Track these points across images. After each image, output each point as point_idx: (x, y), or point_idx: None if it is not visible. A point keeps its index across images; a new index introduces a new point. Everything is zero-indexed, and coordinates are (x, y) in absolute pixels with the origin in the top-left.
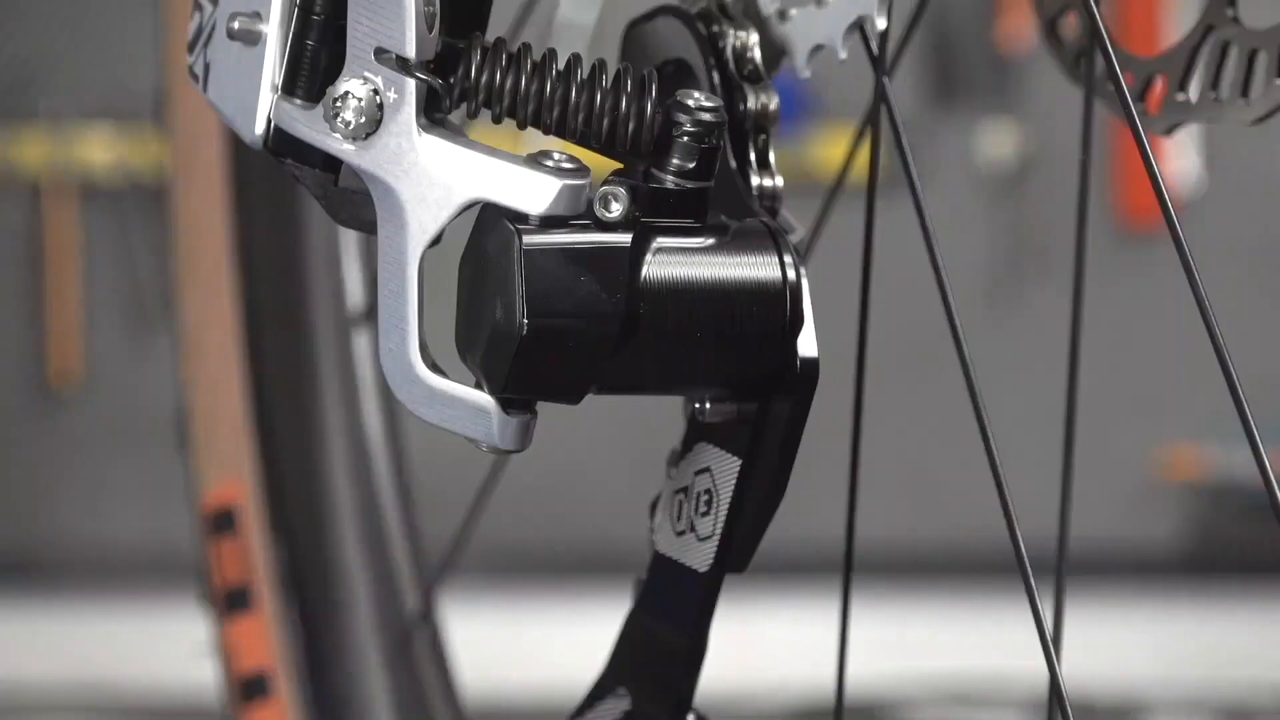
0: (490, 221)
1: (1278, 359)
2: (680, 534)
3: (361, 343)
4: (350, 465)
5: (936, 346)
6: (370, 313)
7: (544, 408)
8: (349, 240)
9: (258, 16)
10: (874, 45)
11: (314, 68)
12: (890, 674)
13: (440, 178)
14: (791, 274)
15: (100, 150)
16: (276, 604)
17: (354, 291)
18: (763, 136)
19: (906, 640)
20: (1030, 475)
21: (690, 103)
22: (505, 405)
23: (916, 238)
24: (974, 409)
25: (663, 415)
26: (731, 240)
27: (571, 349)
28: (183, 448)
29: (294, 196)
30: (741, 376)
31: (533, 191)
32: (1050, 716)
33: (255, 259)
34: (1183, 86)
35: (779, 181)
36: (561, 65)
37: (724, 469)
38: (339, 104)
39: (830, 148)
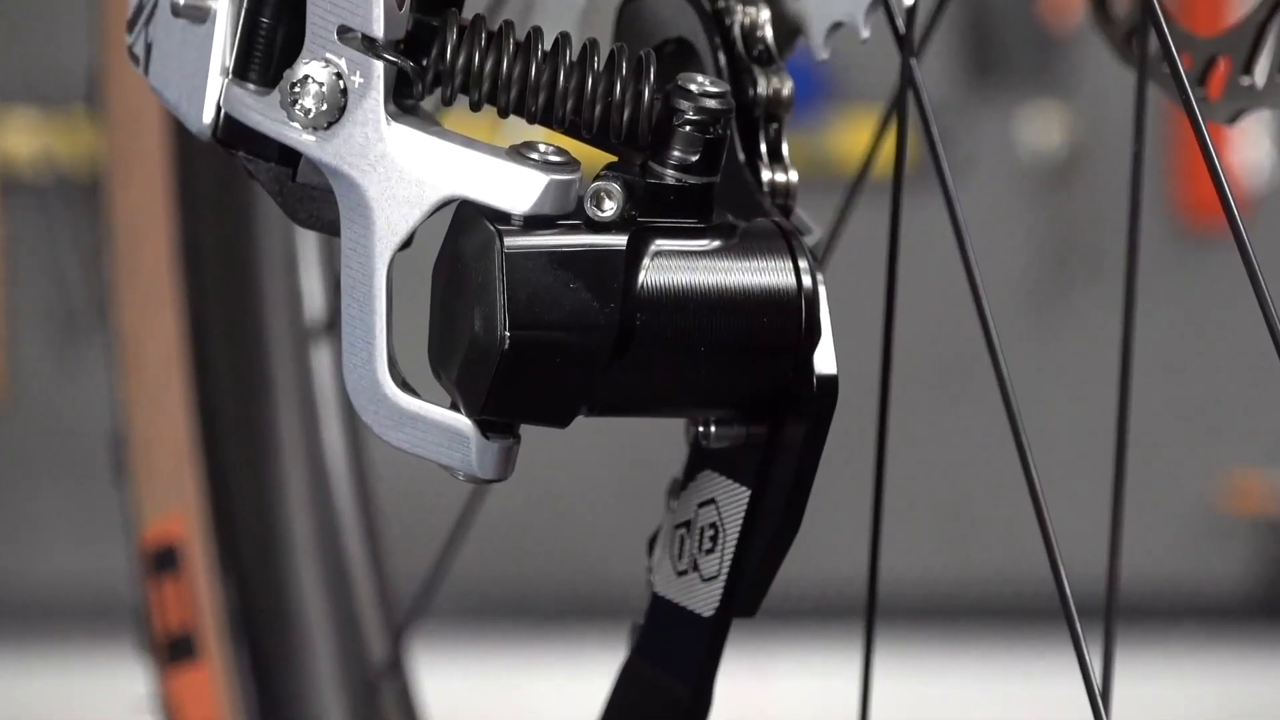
0: (468, 221)
1: None
2: (682, 574)
3: (322, 358)
4: (309, 496)
5: (971, 361)
6: (332, 324)
7: (528, 431)
8: (308, 242)
9: None
10: (900, 22)
11: (269, 48)
12: None
13: (412, 172)
14: (807, 280)
15: (23, 139)
16: (225, 653)
17: (314, 300)
18: (775, 125)
19: (936, 695)
20: (1078, 507)
21: (693, 87)
22: (484, 429)
23: (948, 238)
24: (1013, 432)
25: (662, 440)
26: (740, 242)
27: (559, 365)
28: (119, 476)
29: (246, 193)
30: (751, 396)
31: (516, 188)
32: None
33: (201, 263)
34: (1248, 69)
35: (793, 176)
36: (548, 45)
37: (731, 501)
38: (297, 89)
39: (851, 137)
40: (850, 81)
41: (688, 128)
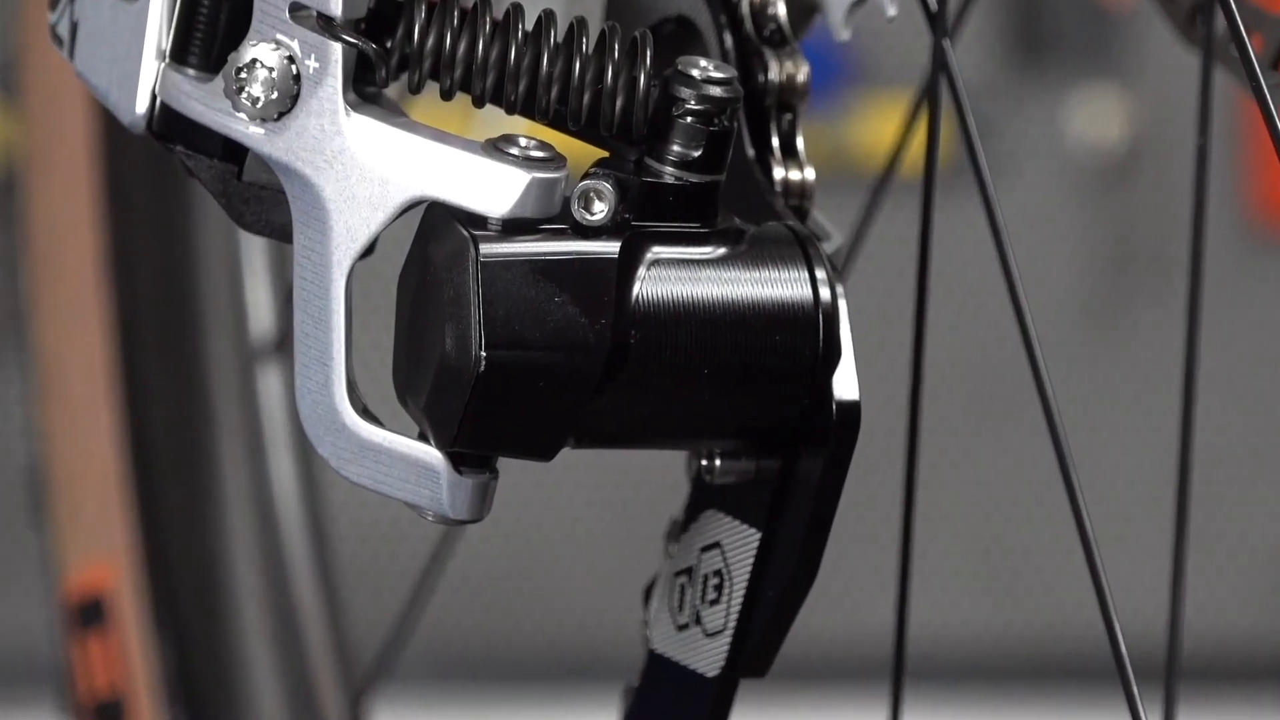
0: (438, 226)
1: None
2: (683, 628)
3: (270, 382)
4: (256, 540)
5: (1013, 386)
6: (283, 343)
7: (507, 465)
8: (255, 249)
9: None
10: None
11: (212, 29)
12: None
13: (374, 170)
14: (825, 293)
15: None
16: (160, 719)
17: (261, 316)
18: (789, 116)
19: None
20: (1136, 552)
21: (695, 73)
22: (457, 462)
23: (988, 245)
24: (1061, 467)
25: (659, 475)
26: (748, 250)
27: (542, 390)
28: (37, 517)
29: (184, 193)
30: (761, 425)
31: (493, 187)
32: None
33: (132, 273)
34: None
35: (810, 174)
36: (530, 25)
37: (738, 544)
38: (244, 75)
39: (876, 129)
40: (875, 65)
41: (689, 119)
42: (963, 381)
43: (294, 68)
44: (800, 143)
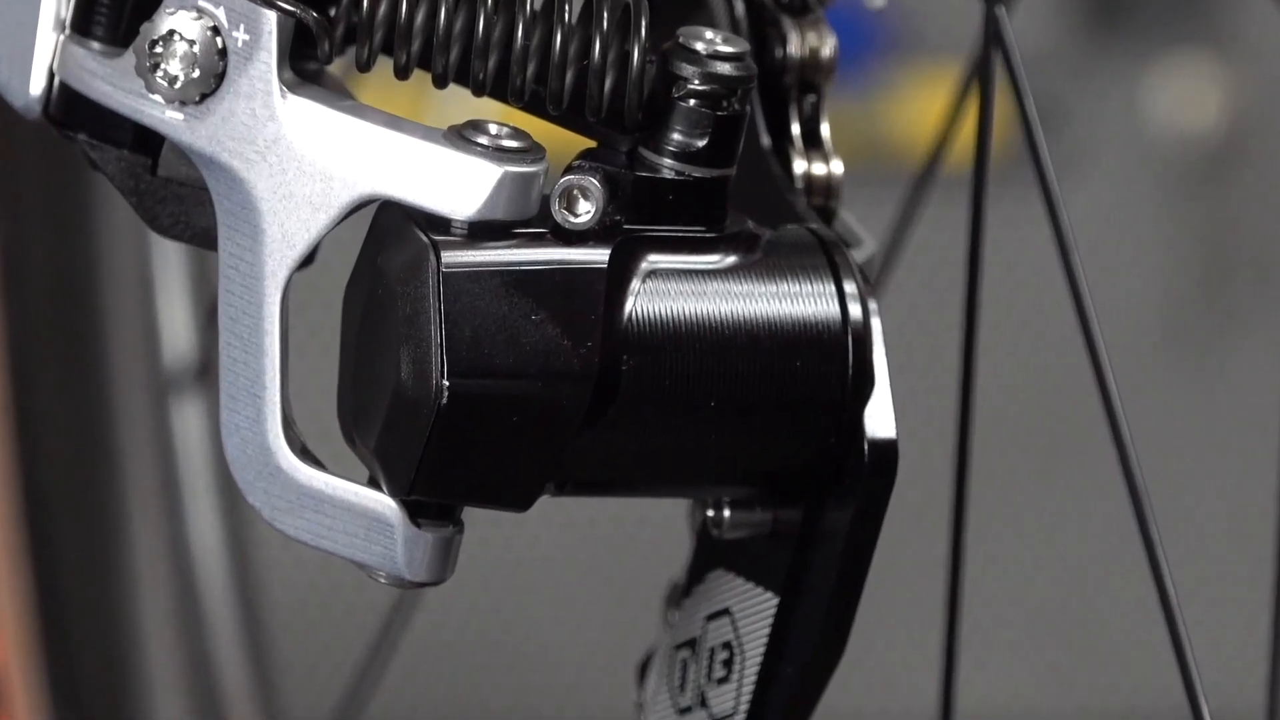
0: (392, 230)
1: None
2: (685, 711)
3: (188, 416)
4: (172, 605)
5: (1083, 423)
6: (205, 371)
7: (475, 516)
8: (171, 259)
9: None
10: None
11: None
12: None
13: (316, 163)
14: (856, 310)
15: None
16: None
17: (177, 338)
18: (811, 98)
19: None
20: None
21: (699, 47)
22: (415, 513)
23: (1051, 252)
24: (1139, 520)
25: (657, 527)
26: (763, 258)
27: (516, 426)
28: None
29: (87, 191)
30: (779, 469)
31: (457, 184)
32: None
33: (24, 286)
34: None
35: (837, 167)
36: None
37: (752, 612)
38: (159, 50)
39: (917, 113)
40: (915, 36)
41: (692, 102)
42: (1020, 417)
43: (219, 40)
44: (825, 130)
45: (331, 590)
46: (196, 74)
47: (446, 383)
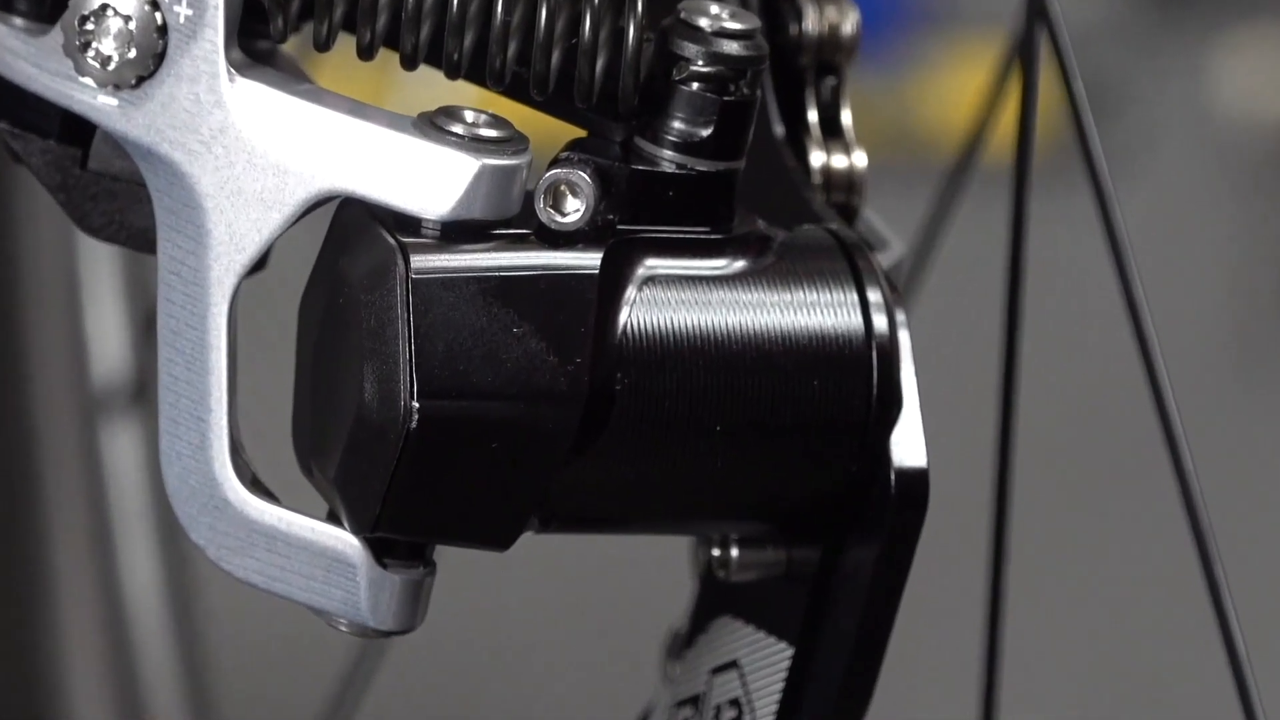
0: (355, 231)
1: None
2: None
3: (122, 442)
4: (102, 656)
5: (1140, 450)
6: (141, 390)
7: (448, 556)
8: (102, 263)
9: None
10: None
11: None
12: None
13: (268, 154)
14: (881, 322)
15: None
16: None
17: (109, 353)
18: (831, 81)
19: None
20: None
21: (703, 22)
22: (380, 553)
23: (1103, 256)
24: (1203, 564)
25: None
26: (776, 263)
27: (495, 454)
28: None
29: (6, 186)
30: (793, 502)
31: (429, 179)
32: None
33: None
34: None
35: (860, 159)
36: None
37: (763, 664)
38: (90, 27)
39: (951, 97)
40: (950, 8)
41: (696, 85)
42: (1068, 444)
43: (158, 16)
44: (847, 117)
45: (285, 641)
46: (132, 54)
47: (416, 404)
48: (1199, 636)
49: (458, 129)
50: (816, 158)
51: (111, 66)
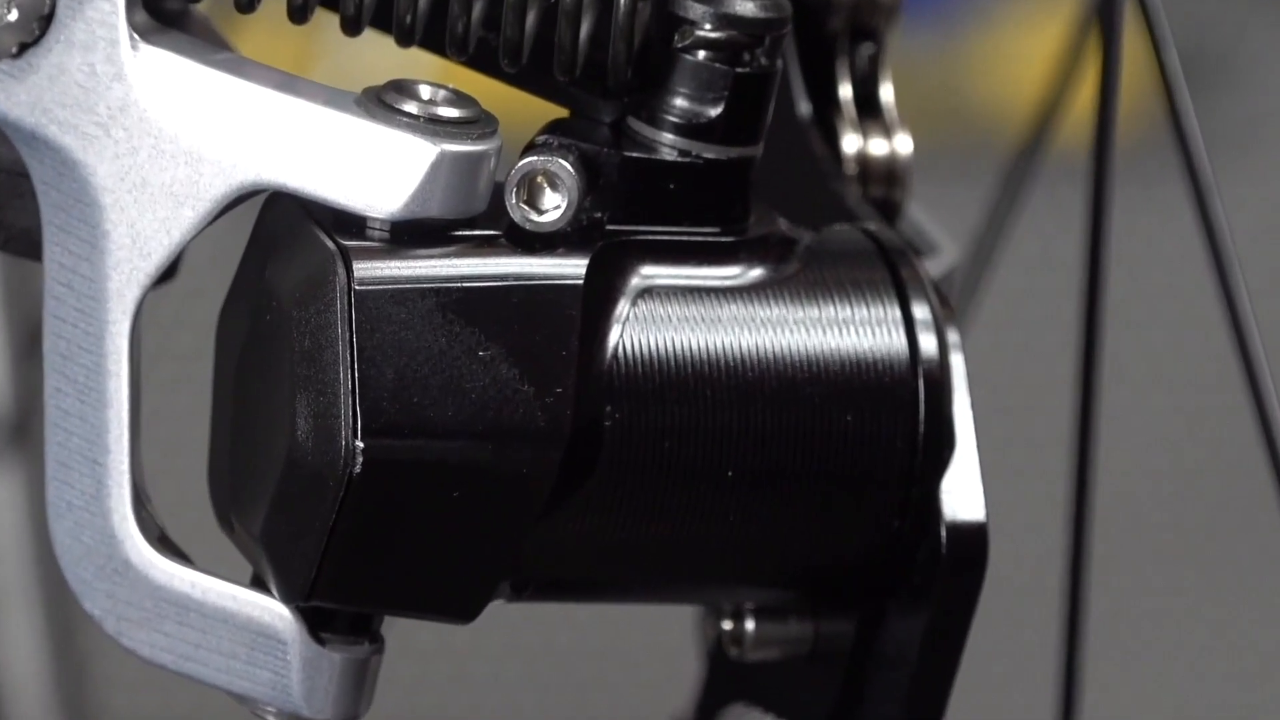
0: (286, 233)
1: None
2: None
3: None
4: None
5: (1245, 490)
6: (21, 426)
7: (400, 631)
8: None
9: None
10: None
11: None
12: None
13: (180, 138)
14: (930, 344)
15: None
16: None
17: None
18: (868, 48)
19: None
20: None
21: None
22: (317, 625)
23: (1200, 258)
24: None
25: (652, 635)
26: (801, 272)
27: (458, 506)
28: None
29: None
30: (822, 565)
31: (376, 168)
32: None
33: None
34: None
35: (903, 144)
36: None
37: None
38: None
39: (1015, 66)
40: None
41: (702, 54)
42: (1158, 487)
43: None
44: (887, 92)
45: None
46: (13, 15)
47: (360, 444)
48: None
49: (411, 108)
50: (850, 142)
51: None
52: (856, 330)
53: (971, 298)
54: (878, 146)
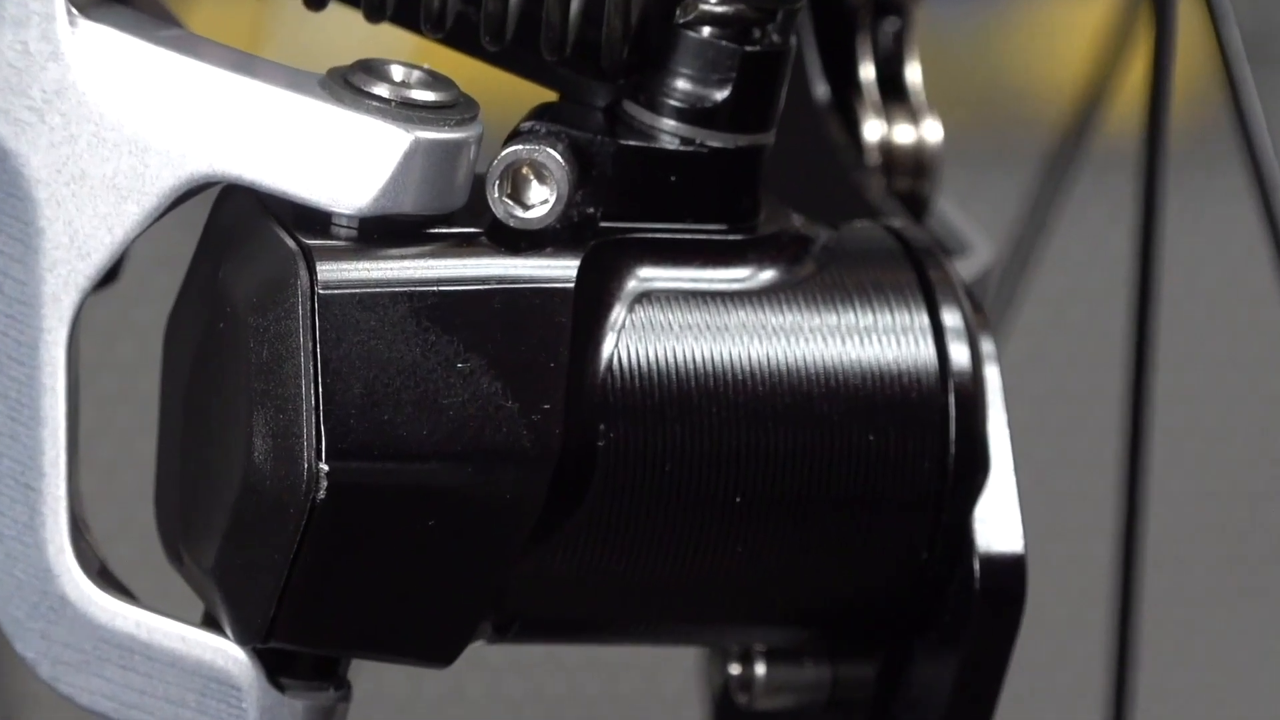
0: (242, 231)
1: None
2: None
3: None
4: None
5: None
6: None
7: (369, 675)
8: None
9: None
10: None
11: None
12: None
13: (124, 125)
14: (961, 355)
15: None
16: None
17: None
18: (893, 23)
19: None
20: None
21: None
22: (276, 670)
23: (1261, 254)
24: None
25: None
26: (818, 274)
27: (433, 536)
28: None
29: None
30: (840, 601)
31: (343, 158)
32: None
33: None
34: None
35: (932, 132)
36: None
37: None
38: None
39: (1056, 45)
40: None
41: (707, 30)
42: (1217, 517)
43: None
44: (914, 73)
45: None
46: None
47: (324, 467)
48: None
49: (381, 91)
50: (872, 129)
51: None
52: (879, 339)
53: (1009, 302)
54: (903, 134)
